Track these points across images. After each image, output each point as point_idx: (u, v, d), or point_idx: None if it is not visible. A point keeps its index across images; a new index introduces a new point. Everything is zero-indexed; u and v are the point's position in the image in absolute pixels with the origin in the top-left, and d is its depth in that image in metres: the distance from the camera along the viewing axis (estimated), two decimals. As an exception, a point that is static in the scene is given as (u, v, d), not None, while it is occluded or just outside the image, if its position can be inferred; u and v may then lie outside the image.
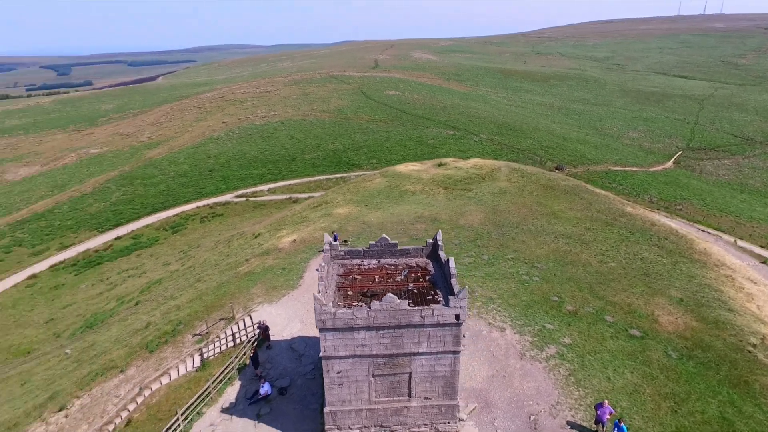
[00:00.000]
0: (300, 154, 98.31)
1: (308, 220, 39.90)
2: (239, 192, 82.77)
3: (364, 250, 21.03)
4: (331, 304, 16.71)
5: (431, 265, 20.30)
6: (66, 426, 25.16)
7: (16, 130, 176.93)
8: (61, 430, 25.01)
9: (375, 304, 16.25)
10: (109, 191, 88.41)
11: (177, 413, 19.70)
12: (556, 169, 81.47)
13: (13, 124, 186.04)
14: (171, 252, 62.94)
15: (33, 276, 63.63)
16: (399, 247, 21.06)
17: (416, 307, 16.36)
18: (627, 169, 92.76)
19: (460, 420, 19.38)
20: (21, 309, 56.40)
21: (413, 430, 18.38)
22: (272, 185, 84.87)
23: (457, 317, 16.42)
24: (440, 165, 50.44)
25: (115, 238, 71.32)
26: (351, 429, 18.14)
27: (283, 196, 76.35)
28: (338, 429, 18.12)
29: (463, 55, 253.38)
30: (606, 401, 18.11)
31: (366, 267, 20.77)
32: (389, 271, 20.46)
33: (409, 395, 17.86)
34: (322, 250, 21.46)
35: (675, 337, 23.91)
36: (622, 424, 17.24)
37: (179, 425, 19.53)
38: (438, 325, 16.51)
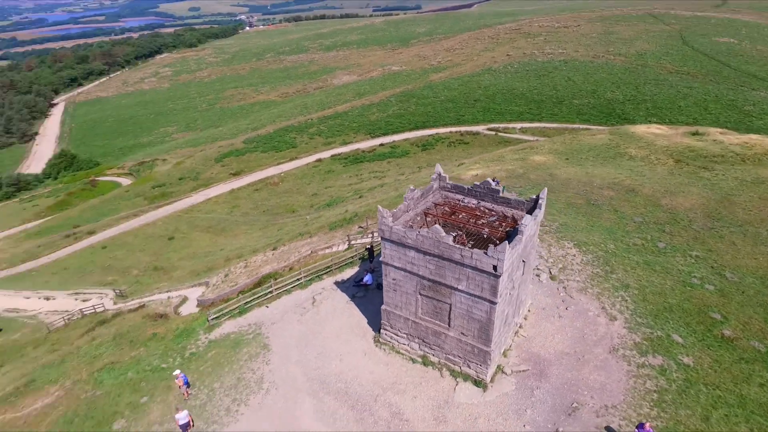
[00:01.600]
0: (569, 98, 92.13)
1: (503, 160, 40.09)
2: (492, 125, 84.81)
3: (468, 189, 21.73)
4: (391, 218, 18.95)
5: (525, 219, 19.76)
6: (269, 258, 35.43)
7: (352, 44, 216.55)
8: (265, 259, 35.44)
9: (423, 231, 17.76)
10: (389, 104, 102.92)
11: (301, 272, 26.20)
12: None
13: (352, 39, 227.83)
14: (410, 165, 71.68)
15: (318, 160, 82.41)
16: (501, 195, 20.91)
17: (457, 246, 17.10)
18: None
19: (504, 373, 19.61)
20: (303, 181, 75.07)
21: (449, 356, 19.79)
22: (526, 125, 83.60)
23: (495, 268, 16.43)
24: (694, 134, 40.88)
25: (379, 145, 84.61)
26: (399, 332, 20.80)
27: (532, 138, 74.54)
28: (390, 327, 21.05)
29: None
30: (648, 423, 15.36)
31: (461, 204, 21.62)
32: (479, 213, 20.84)
33: (449, 325, 19.09)
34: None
35: None
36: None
37: (301, 280, 26.01)
38: (477, 269, 16.89)
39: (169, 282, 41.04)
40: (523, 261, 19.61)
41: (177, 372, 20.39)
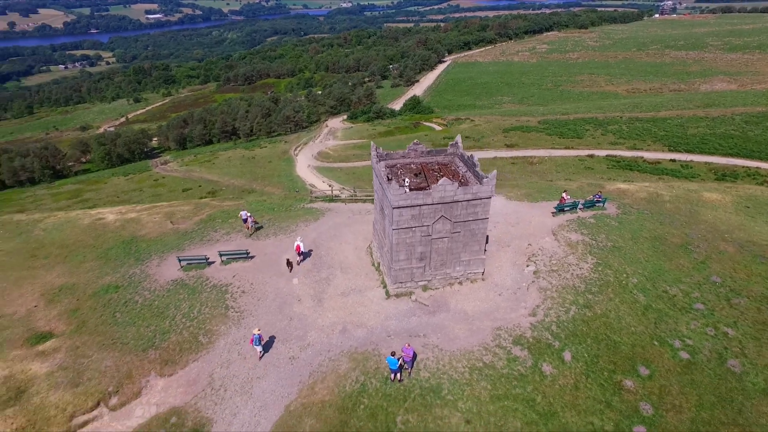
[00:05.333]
0: None
1: None
2: None
3: (474, 162, 25.38)
4: (376, 152, 25.53)
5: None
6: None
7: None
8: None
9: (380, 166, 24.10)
10: (730, 122, 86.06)
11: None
12: None
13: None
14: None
15: (590, 156, 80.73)
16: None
17: (389, 181, 22.94)
18: None
19: (409, 298, 24.47)
20: (557, 168, 76.03)
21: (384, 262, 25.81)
22: None
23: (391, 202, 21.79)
24: None
25: (669, 160, 75.28)
26: (375, 236, 27.76)
27: None
28: (374, 230, 28.19)
29: None
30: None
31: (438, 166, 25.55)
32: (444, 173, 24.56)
33: (386, 239, 25.14)
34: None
35: None
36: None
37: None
38: (388, 199, 22.56)
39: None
40: (450, 220, 23.20)
41: (243, 212, 34.26)
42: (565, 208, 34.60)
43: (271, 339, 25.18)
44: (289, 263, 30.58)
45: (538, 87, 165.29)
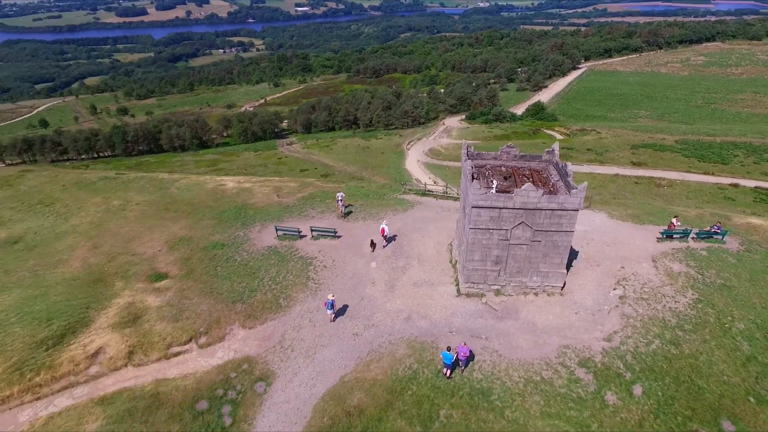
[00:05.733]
0: None
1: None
2: None
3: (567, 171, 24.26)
4: (467, 151, 25.47)
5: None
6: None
7: None
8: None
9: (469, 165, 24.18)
10: None
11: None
12: None
13: None
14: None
15: (733, 185, 72.00)
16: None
17: (473, 179, 23.01)
18: None
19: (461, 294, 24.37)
20: (689, 195, 68.52)
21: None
22: None
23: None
24: None
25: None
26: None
27: None
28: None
29: None
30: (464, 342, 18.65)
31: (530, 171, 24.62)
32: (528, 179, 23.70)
33: (460, 245, 25.20)
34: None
35: None
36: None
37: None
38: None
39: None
40: (531, 227, 22.61)
41: (339, 194, 36.12)
42: (675, 235, 31.25)
43: (344, 307, 26.99)
44: (372, 244, 32.20)
45: (685, 103, 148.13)
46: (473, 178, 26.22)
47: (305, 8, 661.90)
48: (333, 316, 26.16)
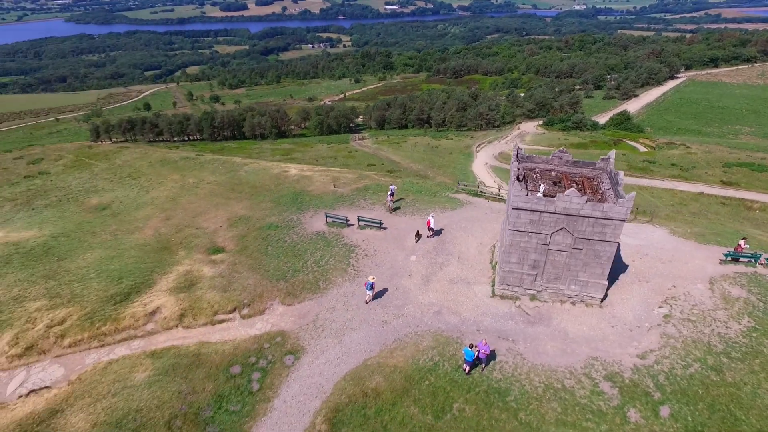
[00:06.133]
0: None
1: None
2: None
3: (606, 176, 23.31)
4: (517, 154, 25.17)
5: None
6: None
7: None
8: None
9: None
10: None
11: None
12: None
13: None
14: None
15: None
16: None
17: (521, 183, 22.88)
18: None
19: (496, 295, 24.21)
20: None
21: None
22: None
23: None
24: None
25: None
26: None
27: None
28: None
29: None
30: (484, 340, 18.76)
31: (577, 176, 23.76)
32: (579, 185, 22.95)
33: (496, 245, 25.07)
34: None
35: None
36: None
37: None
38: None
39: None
40: (572, 234, 22.12)
41: (392, 186, 36.82)
42: (741, 258, 28.70)
43: (378, 294, 27.93)
44: (418, 234, 32.99)
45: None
46: (518, 180, 25.95)
47: (394, 6, 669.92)
48: (371, 297, 27.19)
